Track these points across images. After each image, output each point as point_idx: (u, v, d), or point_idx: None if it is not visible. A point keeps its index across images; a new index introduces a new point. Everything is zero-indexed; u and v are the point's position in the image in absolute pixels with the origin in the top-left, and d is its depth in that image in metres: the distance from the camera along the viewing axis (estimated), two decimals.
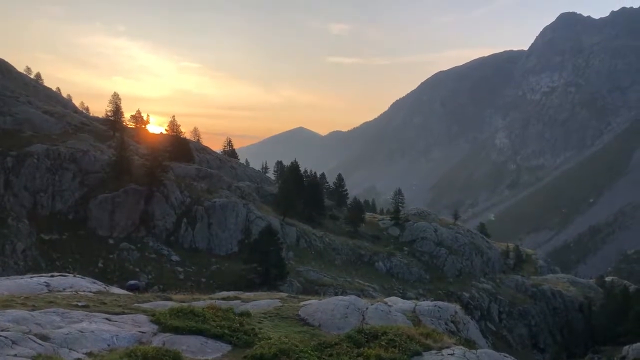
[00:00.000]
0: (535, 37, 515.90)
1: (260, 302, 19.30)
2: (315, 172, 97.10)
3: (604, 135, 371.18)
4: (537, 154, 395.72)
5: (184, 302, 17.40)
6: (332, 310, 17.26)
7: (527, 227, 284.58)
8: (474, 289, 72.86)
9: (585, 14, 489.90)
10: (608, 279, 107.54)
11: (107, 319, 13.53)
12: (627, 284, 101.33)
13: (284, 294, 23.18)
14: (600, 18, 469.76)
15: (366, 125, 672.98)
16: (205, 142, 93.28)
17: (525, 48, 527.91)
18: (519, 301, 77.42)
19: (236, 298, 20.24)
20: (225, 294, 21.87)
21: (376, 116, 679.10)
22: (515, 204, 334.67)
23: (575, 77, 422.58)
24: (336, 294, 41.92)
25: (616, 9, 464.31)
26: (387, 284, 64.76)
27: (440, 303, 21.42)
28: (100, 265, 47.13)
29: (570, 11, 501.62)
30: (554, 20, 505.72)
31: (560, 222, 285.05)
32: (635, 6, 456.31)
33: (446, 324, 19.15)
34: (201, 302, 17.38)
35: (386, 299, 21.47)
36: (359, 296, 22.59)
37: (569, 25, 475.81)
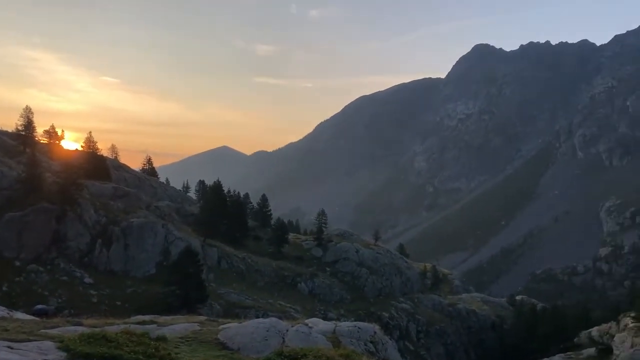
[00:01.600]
0: (452, 66, 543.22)
1: (178, 326, 18.74)
2: (239, 192, 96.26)
3: (514, 161, 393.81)
4: (454, 177, 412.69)
5: (96, 327, 16.59)
6: (252, 333, 17.06)
7: (444, 248, 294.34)
8: (393, 309, 74.30)
9: (497, 46, 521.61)
10: (518, 298, 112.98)
11: (8, 347, 12.61)
12: (535, 302, 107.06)
13: (203, 318, 22.63)
14: (511, 50, 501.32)
15: (291, 146, 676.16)
16: (123, 159, 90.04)
17: (443, 76, 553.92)
18: (436, 320, 79.66)
19: (152, 322, 19.54)
20: (140, 318, 21.06)
21: (301, 137, 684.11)
22: (433, 225, 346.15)
23: (489, 105, 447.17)
24: (257, 317, 41.44)
25: (525, 42, 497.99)
26: (309, 305, 64.80)
27: (360, 324, 21.70)
28: (4, 289, 44.06)
29: (484, 43, 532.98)
30: (469, 50, 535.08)
31: (475, 243, 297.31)
32: (542, 41, 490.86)
33: (365, 344, 19.39)
34: (115, 327, 16.63)
35: (307, 321, 21.48)
36: (280, 318, 22.46)
37: (482, 56, 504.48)
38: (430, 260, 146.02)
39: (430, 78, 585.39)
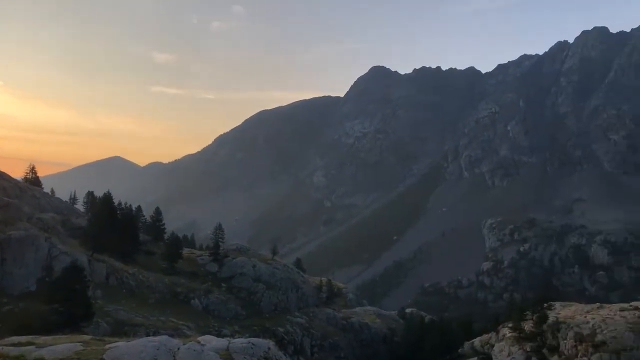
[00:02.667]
0: (350, 86, 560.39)
1: (59, 346, 17.64)
2: (130, 205, 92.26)
3: (407, 179, 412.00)
4: (350, 193, 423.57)
5: None
6: (140, 352, 16.47)
7: (340, 262, 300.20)
8: (288, 324, 74.42)
9: (393, 69, 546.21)
10: (408, 310, 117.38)
11: None
12: (423, 315, 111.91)
13: (87, 337, 21.46)
14: (405, 74, 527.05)
15: (189, 158, 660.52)
16: (4, 167, 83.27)
17: (342, 95, 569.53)
18: (330, 334, 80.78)
19: (30, 343, 18.24)
20: (17, 339, 19.57)
21: (199, 149, 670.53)
22: (330, 239, 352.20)
23: (384, 125, 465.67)
24: (147, 335, 39.85)
25: (418, 67, 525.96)
26: (202, 322, 63.24)
27: (254, 340, 21.64)
28: None
29: (381, 65, 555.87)
30: (367, 71, 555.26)
31: (369, 257, 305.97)
32: (434, 66, 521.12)
33: None
34: None
35: (200, 338, 21.07)
36: (172, 336, 21.84)
37: (379, 77, 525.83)
38: (327, 274, 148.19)
39: (330, 96, 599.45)
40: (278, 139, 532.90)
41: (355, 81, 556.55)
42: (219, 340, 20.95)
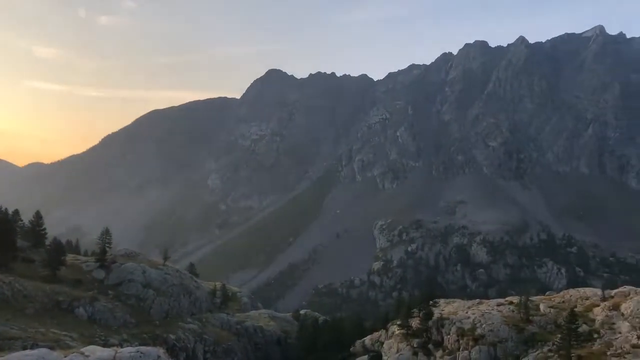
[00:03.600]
0: (247, 88, 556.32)
1: None
2: (6, 209, 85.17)
3: (302, 182, 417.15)
4: (246, 196, 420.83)
5: None
6: None
7: (235, 266, 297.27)
8: (180, 330, 72.48)
9: (289, 73, 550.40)
10: (302, 312, 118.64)
11: None
12: (317, 315, 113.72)
13: None
14: (301, 78, 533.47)
15: (73, 159, 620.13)
16: None
17: (238, 96, 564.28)
18: (224, 339, 79.72)
19: None
20: None
21: (85, 150, 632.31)
22: (224, 243, 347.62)
23: (280, 128, 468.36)
24: (25, 348, 37.10)
25: (314, 72, 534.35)
26: (87, 332, 59.82)
27: (143, 348, 20.95)
28: None
29: (278, 68, 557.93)
30: (263, 74, 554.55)
31: (264, 260, 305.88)
32: (329, 72, 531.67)
33: None
34: None
35: (83, 349, 20.04)
36: (52, 348, 20.57)
37: (276, 80, 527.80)
38: (221, 279, 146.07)
39: (226, 97, 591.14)
40: (170, 140, 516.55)
41: (251, 83, 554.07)
42: (105, 350, 20.05)
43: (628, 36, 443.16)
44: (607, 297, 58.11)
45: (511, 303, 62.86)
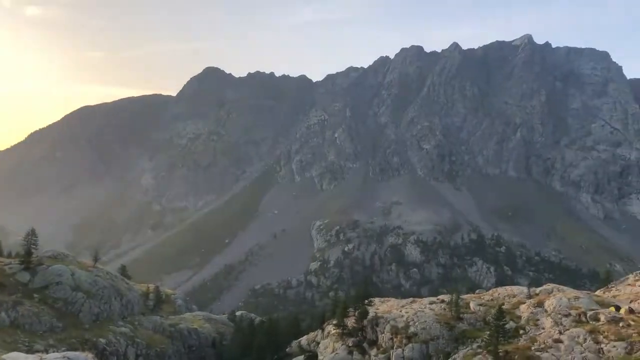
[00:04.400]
0: (183, 85, 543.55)
1: None
2: None
3: (240, 182, 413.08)
4: (182, 196, 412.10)
5: None
6: None
7: (169, 267, 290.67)
8: (111, 334, 70.16)
9: (227, 71, 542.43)
10: (238, 313, 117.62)
11: None
12: (253, 316, 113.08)
13: None
14: (240, 77, 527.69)
15: None
16: None
17: (174, 94, 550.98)
18: (157, 342, 77.82)
19: None
20: None
21: (9, 146, 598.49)
22: (158, 244, 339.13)
23: (218, 127, 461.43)
24: None
25: (252, 71, 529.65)
26: (10, 338, 56.85)
27: (70, 353, 20.16)
28: None
29: (215, 66, 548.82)
30: (200, 72, 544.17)
31: (200, 261, 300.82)
32: (267, 71, 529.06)
33: None
34: None
35: (5, 356, 19.05)
36: None
37: (213, 79, 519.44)
38: (155, 281, 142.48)
39: (160, 94, 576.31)
40: (102, 137, 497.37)
41: (188, 81, 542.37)
42: (28, 356, 19.15)
43: (553, 46, 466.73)
44: (533, 295, 60.92)
45: (443, 301, 64.67)
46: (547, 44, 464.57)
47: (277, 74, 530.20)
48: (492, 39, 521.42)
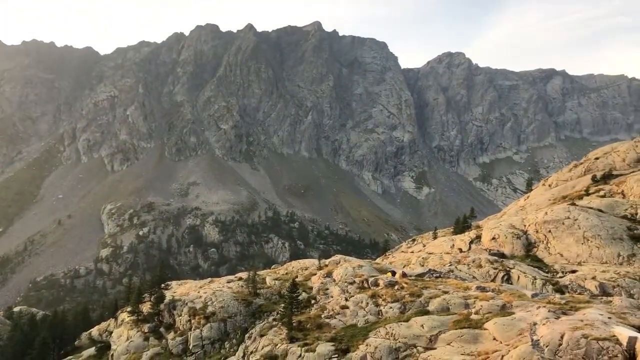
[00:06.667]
0: None
1: None
2: None
3: (15, 164, 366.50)
4: None
5: None
6: None
7: None
8: None
9: None
10: (16, 309, 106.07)
11: None
12: (35, 311, 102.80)
13: None
14: (13, 45, 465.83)
15: None
16: None
17: None
18: None
19: None
20: None
21: None
22: None
23: None
24: None
25: (28, 39, 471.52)
26: None
27: None
28: None
29: None
30: None
31: None
32: (46, 40, 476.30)
33: None
34: None
35: None
36: None
37: None
38: None
39: None
40: None
41: None
42: None
43: (340, 34, 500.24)
44: (323, 266, 65.71)
45: (240, 279, 66.35)
46: (335, 32, 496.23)
47: (59, 44, 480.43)
48: (285, 24, 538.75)
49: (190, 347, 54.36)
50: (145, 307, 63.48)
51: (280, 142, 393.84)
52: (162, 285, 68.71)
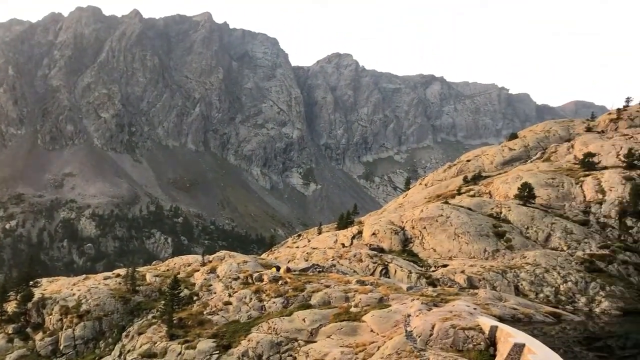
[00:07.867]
0: None
1: None
2: None
3: None
4: None
5: None
6: None
7: None
8: None
9: None
10: None
11: None
12: None
13: None
14: None
15: None
16: None
17: None
18: None
19: None
20: None
21: None
22: None
23: None
24: None
25: None
26: None
27: None
28: None
29: None
30: None
31: None
32: None
33: None
34: None
35: None
36: None
37: None
38: None
39: None
40: None
41: None
42: None
43: (231, 27, 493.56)
44: (206, 262, 64.83)
45: (118, 275, 63.69)
46: (226, 24, 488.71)
47: None
48: (173, 12, 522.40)
49: (61, 347, 51.35)
50: (10, 307, 58.89)
51: (165, 133, 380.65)
52: (31, 282, 64.03)
